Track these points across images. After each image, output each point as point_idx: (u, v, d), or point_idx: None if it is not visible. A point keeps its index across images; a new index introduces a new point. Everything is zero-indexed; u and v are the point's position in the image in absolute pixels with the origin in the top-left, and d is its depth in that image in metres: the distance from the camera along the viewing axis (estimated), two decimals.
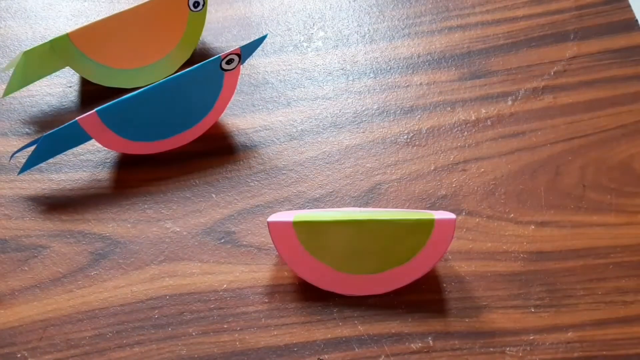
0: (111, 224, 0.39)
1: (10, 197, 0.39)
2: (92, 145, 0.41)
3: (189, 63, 0.43)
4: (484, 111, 0.42)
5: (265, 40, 0.45)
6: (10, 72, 0.44)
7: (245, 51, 0.38)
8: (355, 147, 0.41)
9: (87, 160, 0.41)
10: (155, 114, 0.38)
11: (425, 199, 0.39)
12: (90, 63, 0.42)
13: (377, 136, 0.42)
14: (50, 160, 0.40)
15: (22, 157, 0.40)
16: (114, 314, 0.36)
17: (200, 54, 0.45)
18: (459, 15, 0.46)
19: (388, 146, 0.41)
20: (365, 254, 0.35)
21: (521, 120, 0.42)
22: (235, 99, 0.43)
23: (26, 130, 0.42)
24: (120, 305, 0.36)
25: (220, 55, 0.37)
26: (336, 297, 0.36)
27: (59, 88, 0.44)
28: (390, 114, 0.42)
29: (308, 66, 0.44)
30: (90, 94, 0.43)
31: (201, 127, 0.40)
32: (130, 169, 0.41)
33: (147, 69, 0.43)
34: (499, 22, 0.46)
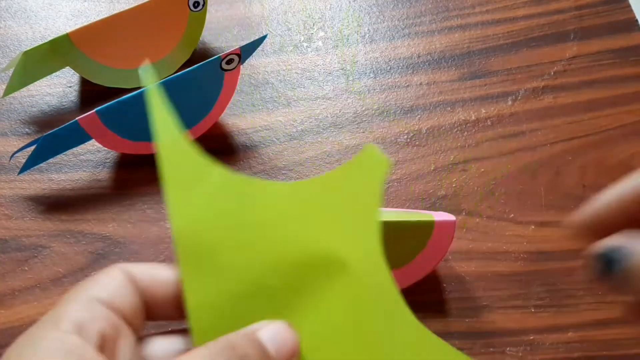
0: (111, 224, 0.39)
1: (10, 197, 0.39)
2: (92, 145, 0.41)
3: (189, 63, 0.43)
4: (484, 111, 0.42)
5: (265, 40, 0.45)
6: (10, 72, 0.44)
7: (245, 51, 0.38)
8: (355, 147, 0.41)
9: (87, 160, 0.41)
10: None
11: (425, 199, 0.39)
12: (90, 63, 0.42)
13: (377, 136, 0.42)
14: (50, 160, 0.40)
15: (22, 157, 0.40)
16: None
17: (200, 54, 0.45)
18: (459, 15, 0.46)
19: (388, 146, 0.41)
20: None
21: (521, 120, 0.42)
22: (235, 99, 0.43)
23: (26, 130, 0.42)
24: None
25: (220, 55, 0.37)
26: None
27: (59, 88, 0.44)
28: (390, 114, 0.42)
29: (308, 66, 0.44)
30: (90, 94, 0.43)
31: (201, 127, 0.40)
32: (130, 169, 0.41)
33: None
34: (499, 22, 0.46)
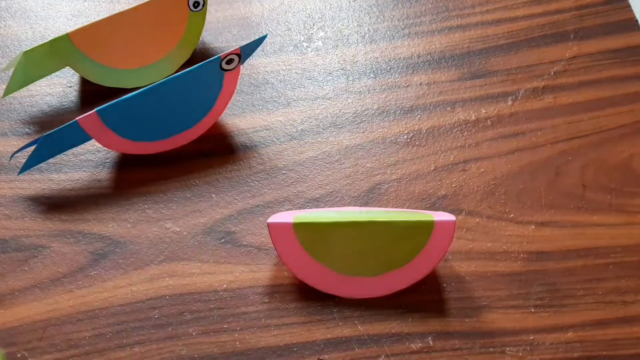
0: (111, 224, 0.39)
1: (10, 197, 0.39)
2: (92, 145, 0.41)
3: (189, 63, 0.43)
4: (484, 111, 0.42)
5: (265, 40, 0.45)
6: (10, 72, 0.44)
7: (245, 51, 0.38)
8: (355, 147, 0.41)
9: (87, 160, 0.41)
10: (155, 114, 0.38)
11: (425, 199, 0.39)
12: (90, 63, 0.42)
13: (377, 136, 0.42)
14: (50, 160, 0.40)
15: (22, 157, 0.40)
16: (114, 314, 0.36)
17: (200, 54, 0.45)
18: (459, 15, 0.46)
19: (388, 146, 0.41)
20: (365, 255, 0.35)
21: (521, 120, 0.42)
22: (235, 99, 0.43)
23: (26, 130, 0.42)
24: (120, 305, 0.36)
25: (220, 55, 0.37)
26: (336, 297, 0.36)
27: (59, 88, 0.44)
28: (390, 114, 0.42)
29: (308, 66, 0.44)
30: (90, 94, 0.43)
31: (201, 127, 0.40)
32: (130, 169, 0.41)
33: (147, 69, 0.43)
34: (499, 22, 0.46)
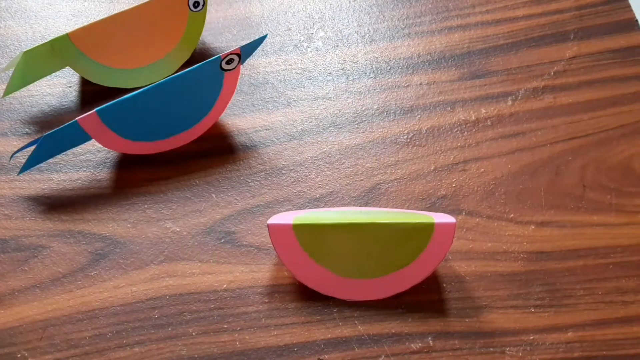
0: (111, 224, 0.39)
1: (10, 197, 0.39)
2: (92, 145, 0.41)
3: (189, 63, 0.43)
4: (484, 111, 0.42)
5: (265, 40, 0.45)
6: (10, 72, 0.44)
7: (245, 51, 0.38)
8: (355, 147, 0.41)
9: (87, 160, 0.41)
10: (155, 114, 0.38)
11: (425, 199, 0.39)
12: (90, 63, 0.42)
13: (377, 136, 0.42)
14: (50, 160, 0.40)
15: (22, 157, 0.40)
16: (114, 314, 0.36)
17: (200, 54, 0.45)
18: (459, 15, 0.46)
19: (388, 146, 0.41)
20: (365, 257, 0.35)
21: (521, 120, 0.42)
22: (235, 99, 0.43)
23: (26, 130, 0.42)
24: (120, 305, 0.36)
25: (220, 55, 0.37)
26: (336, 298, 0.36)
27: (59, 88, 0.44)
28: (390, 114, 0.42)
29: (308, 66, 0.44)
30: (90, 94, 0.43)
31: (201, 127, 0.40)
32: (130, 169, 0.41)
33: (147, 69, 0.43)
34: (499, 22, 0.46)
